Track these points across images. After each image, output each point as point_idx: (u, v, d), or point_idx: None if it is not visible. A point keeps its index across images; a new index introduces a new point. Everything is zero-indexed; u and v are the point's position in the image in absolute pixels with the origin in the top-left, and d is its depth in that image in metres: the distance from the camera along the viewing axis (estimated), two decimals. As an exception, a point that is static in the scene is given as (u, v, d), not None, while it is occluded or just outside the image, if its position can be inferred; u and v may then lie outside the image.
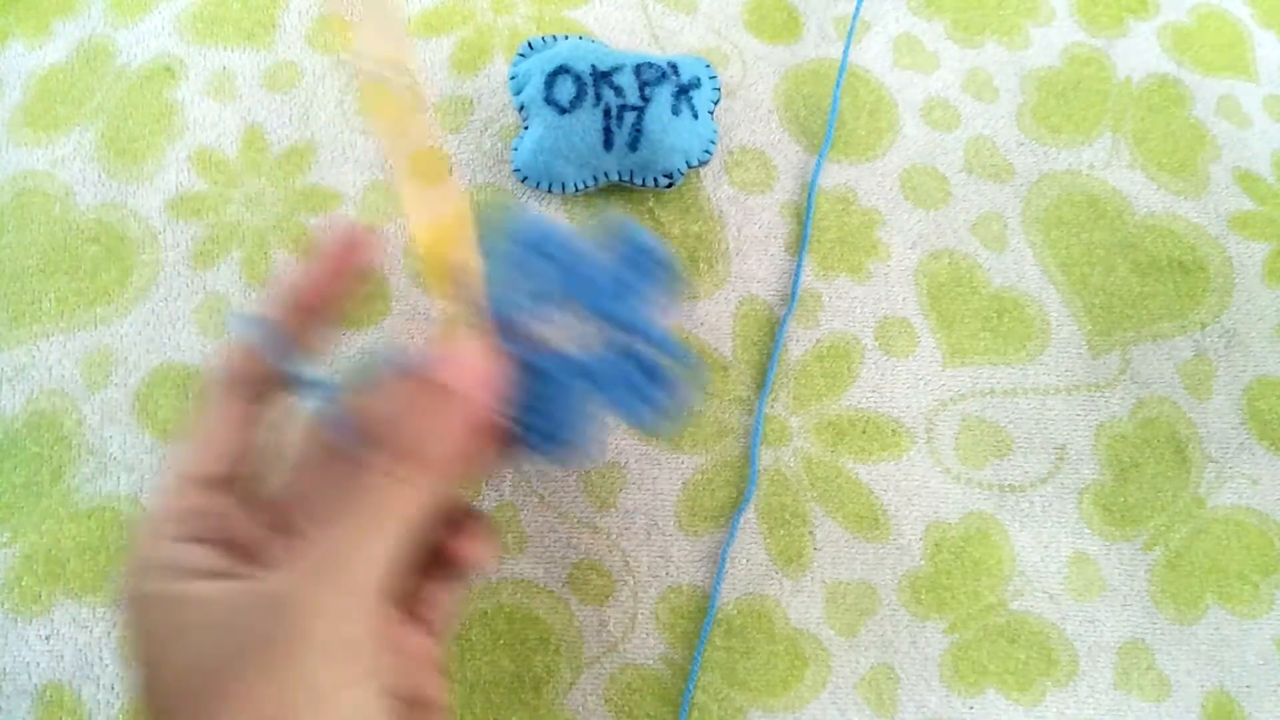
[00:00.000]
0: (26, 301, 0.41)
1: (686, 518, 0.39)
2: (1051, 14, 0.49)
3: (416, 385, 0.25)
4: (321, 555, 0.23)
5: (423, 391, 0.25)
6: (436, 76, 0.45)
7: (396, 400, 0.25)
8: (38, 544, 0.38)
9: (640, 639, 0.38)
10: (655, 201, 0.43)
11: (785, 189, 0.44)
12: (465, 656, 0.38)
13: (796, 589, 0.39)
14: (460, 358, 0.25)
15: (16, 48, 0.45)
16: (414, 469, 0.24)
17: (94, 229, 0.42)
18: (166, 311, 0.41)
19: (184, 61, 0.45)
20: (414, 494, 0.24)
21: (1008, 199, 0.45)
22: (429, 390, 0.25)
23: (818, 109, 0.46)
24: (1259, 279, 0.44)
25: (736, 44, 0.47)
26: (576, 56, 0.41)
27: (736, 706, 0.38)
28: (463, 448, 0.25)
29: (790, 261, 0.43)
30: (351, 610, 0.22)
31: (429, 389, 0.25)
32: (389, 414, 0.25)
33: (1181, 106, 0.47)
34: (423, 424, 0.24)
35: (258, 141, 0.44)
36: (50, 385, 0.40)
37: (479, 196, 0.43)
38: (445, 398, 0.25)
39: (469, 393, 0.25)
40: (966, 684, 0.38)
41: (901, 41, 0.47)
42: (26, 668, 0.37)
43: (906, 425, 0.41)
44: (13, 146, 0.44)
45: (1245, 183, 0.46)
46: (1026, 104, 0.47)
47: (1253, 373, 0.43)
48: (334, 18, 0.31)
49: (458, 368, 0.25)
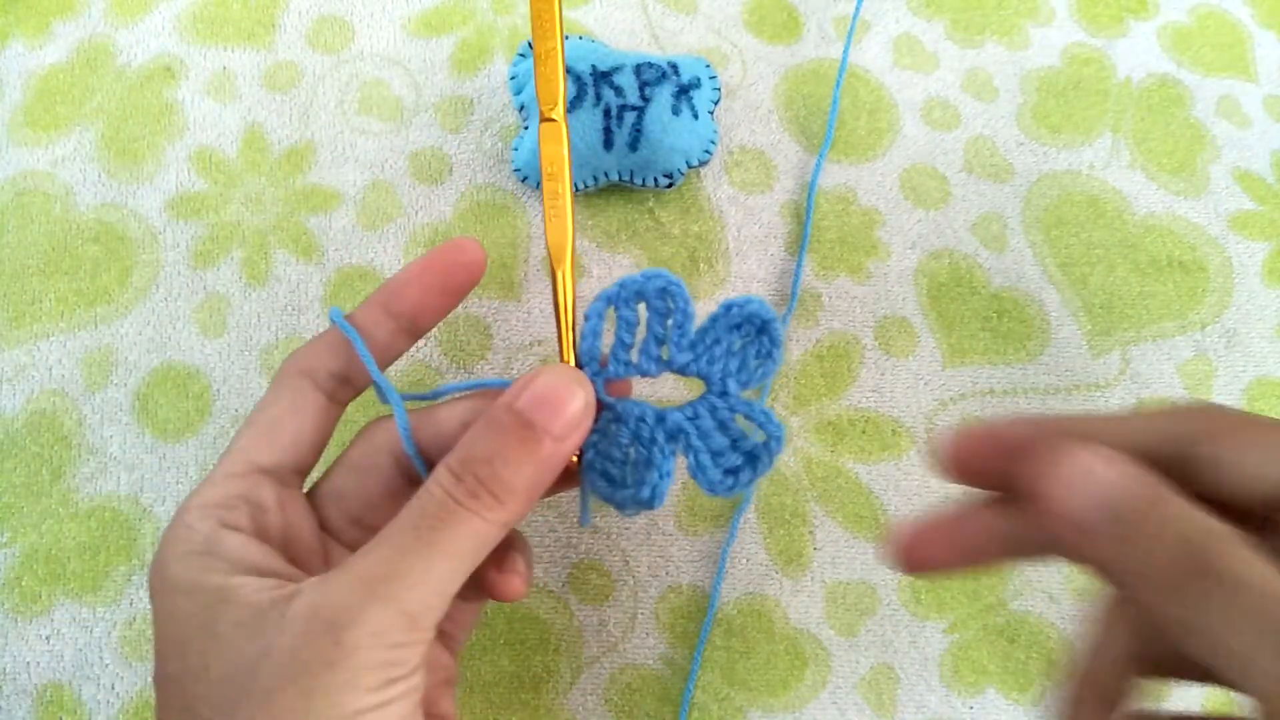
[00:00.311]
0: (26, 301, 0.41)
1: (686, 518, 0.39)
2: (1051, 14, 0.49)
3: (513, 424, 0.24)
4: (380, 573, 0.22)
5: (519, 433, 0.24)
6: (436, 76, 0.45)
7: (491, 437, 0.24)
8: (38, 544, 0.38)
9: (640, 639, 0.38)
10: (655, 201, 0.43)
11: (785, 189, 0.44)
12: (465, 656, 0.38)
13: (796, 589, 0.39)
14: (558, 397, 0.25)
15: (16, 48, 0.45)
16: (496, 510, 0.23)
17: (94, 229, 0.42)
18: (166, 311, 0.41)
19: (184, 61, 0.45)
20: (489, 531, 0.24)
21: (1008, 199, 0.45)
22: (526, 433, 0.24)
23: (818, 109, 0.46)
24: (1259, 279, 0.44)
25: (736, 44, 0.47)
26: (577, 56, 0.41)
27: (736, 706, 0.38)
28: (544, 489, 0.25)
29: (790, 261, 0.43)
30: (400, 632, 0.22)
31: (526, 431, 0.24)
32: (484, 452, 0.24)
33: (1181, 106, 0.47)
34: (515, 466, 0.24)
35: (258, 141, 0.44)
36: (50, 385, 0.40)
37: (479, 196, 0.43)
38: (541, 443, 0.24)
39: (564, 439, 0.24)
40: (966, 684, 0.38)
41: (901, 41, 0.47)
42: (26, 668, 0.37)
43: (906, 425, 0.41)
44: (13, 146, 0.44)
45: (1245, 183, 0.46)
46: (1026, 104, 0.47)
47: (1253, 373, 0.43)
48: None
49: (554, 409, 0.24)
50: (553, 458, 0.24)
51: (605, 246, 0.43)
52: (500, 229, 0.43)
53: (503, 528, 0.24)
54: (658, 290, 0.27)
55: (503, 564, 0.27)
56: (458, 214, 0.43)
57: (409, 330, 0.28)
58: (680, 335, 0.27)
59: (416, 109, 0.45)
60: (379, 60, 0.46)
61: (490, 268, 0.42)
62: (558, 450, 0.24)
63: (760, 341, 0.27)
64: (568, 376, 0.25)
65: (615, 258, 0.43)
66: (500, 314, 0.42)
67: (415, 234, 0.43)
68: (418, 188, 0.43)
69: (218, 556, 0.24)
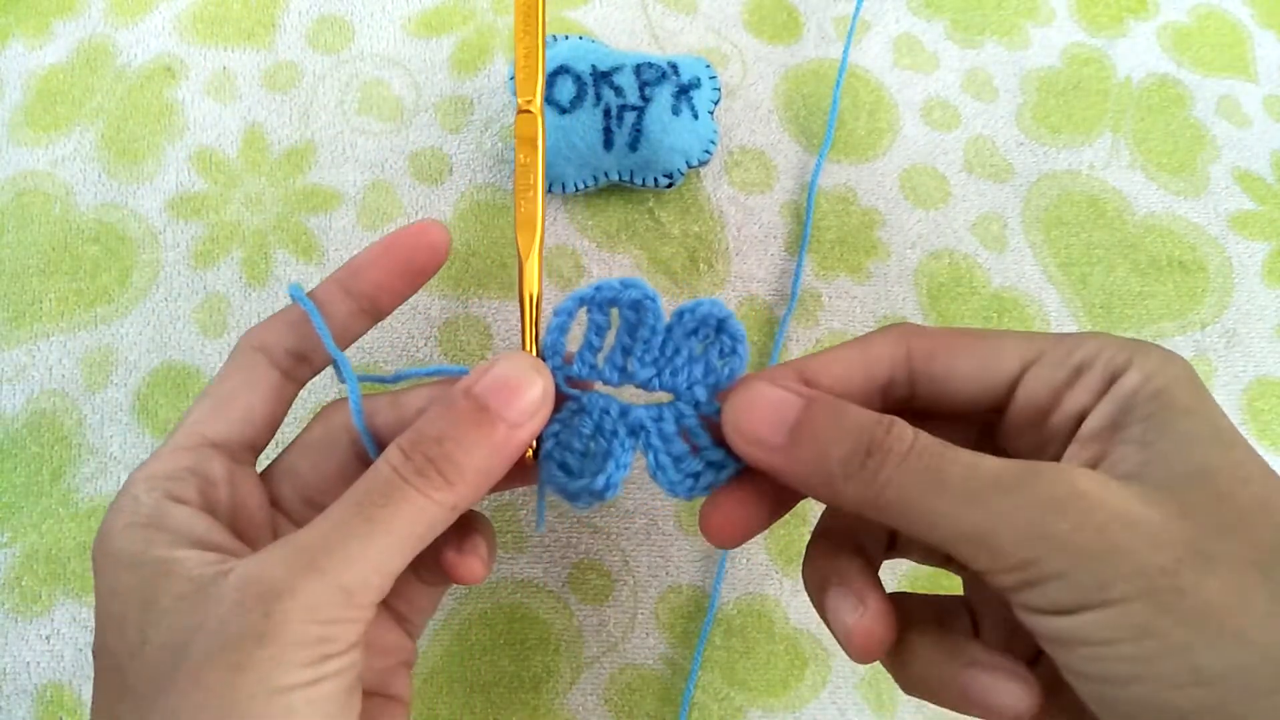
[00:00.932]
0: (27, 301, 0.41)
1: (686, 518, 0.39)
2: (1051, 14, 0.49)
3: (467, 407, 0.24)
4: (318, 546, 0.22)
5: (473, 416, 0.24)
6: (436, 76, 0.45)
7: (444, 418, 0.24)
8: (38, 544, 0.38)
9: (640, 639, 0.38)
10: (655, 201, 0.43)
11: (785, 189, 0.44)
12: (465, 656, 0.38)
13: (796, 589, 0.39)
14: (515, 384, 0.24)
15: (16, 48, 0.45)
16: (444, 490, 0.23)
17: (94, 229, 0.42)
18: (167, 311, 0.41)
19: (184, 61, 0.45)
20: (436, 511, 0.23)
21: (1008, 199, 0.45)
22: (480, 416, 0.24)
23: (818, 109, 0.46)
24: (1259, 279, 0.44)
25: (736, 44, 0.47)
26: (576, 56, 0.41)
27: (736, 706, 0.38)
28: (497, 475, 0.25)
29: (790, 261, 0.43)
30: (335, 608, 0.21)
31: (480, 415, 0.24)
32: (435, 431, 0.24)
33: (1181, 106, 0.47)
34: (466, 448, 0.24)
35: (258, 141, 0.44)
36: (50, 385, 0.40)
37: (479, 196, 0.43)
38: (495, 427, 0.24)
39: (519, 425, 0.24)
40: (966, 684, 0.38)
41: (901, 41, 0.47)
42: (26, 668, 0.37)
43: (906, 425, 0.41)
44: (13, 146, 0.44)
45: (1245, 183, 0.46)
46: (1026, 104, 0.47)
47: (1253, 373, 0.43)
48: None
49: (511, 395, 0.24)
50: (507, 444, 0.24)
51: (605, 246, 0.43)
52: (500, 229, 0.43)
53: (451, 510, 0.24)
54: (631, 301, 0.26)
55: (463, 545, 0.27)
56: (458, 214, 0.43)
57: (369, 311, 0.28)
58: (644, 350, 0.27)
59: (416, 109, 0.45)
60: (379, 60, 0.46)
61: (490, 268, 0.42)
62: (512, 436, 0.24)
63: (721, 341, 0.26)
64: (526, 364, 0.25)
65: (615, 257, 0.43)
66: (500, 314, 0.42)
67: (415, 234, 0.43)
68: (418, 188, 0.43)
69: (162, 529, 0.23)
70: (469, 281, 0.42)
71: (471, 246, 0.43)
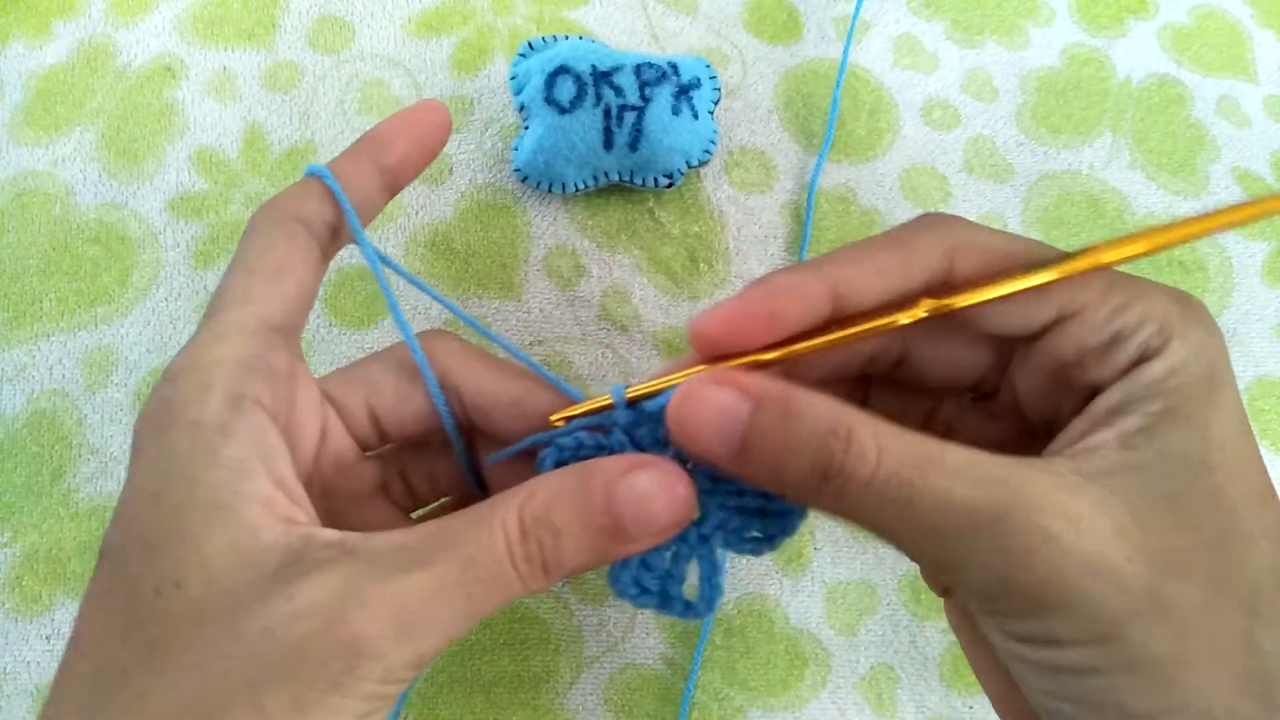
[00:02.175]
0: (27, 301, 0.41)
1: (686, 518, 0.39)
2: (1051, 14, 0.49)
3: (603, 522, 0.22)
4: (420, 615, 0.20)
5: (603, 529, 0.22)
6: (436, 76, 0.45)
7: (574, 516, 0.22)
8: (38, 544, 0.38)
9: (640, 639, 0.38)
10: (655, 201, 0.43)
11: (785, 189, 0.44)
12: (465, 656, 0.38)
13: (796, 589, 0.39)
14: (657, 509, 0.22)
15: (16, 48, 0.45)
16: (540, 582, 0.22)
17: (94, 229, 0.42)
18: (167, 311, 0.41)
19: (184, 61, 0.45)
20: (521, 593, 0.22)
21: (1008, 199, 0.45)
22: (612, 533, 0.22)
23: (818, 109, 0.46)
24: (1259, 279, 0.44)
25: (736, 44, 0.47)
26: (577, 56, 0.41)
27: (736, 706, 0.38)
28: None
29: (790, 261, 0.43)
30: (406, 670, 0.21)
31: (613, 532, 0.22)
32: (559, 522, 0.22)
33: (1181, 106, 0.47)
34: (580, 551, 0.22)
35: (258, 141, 0.44)
36: (50, 385, 0.40)
37: (479, 196, 0.43)
38: (619, 546, 0.22)
39: (643, 547, 0.23)
40: (966, 683, 0.38)
41: (901, 42, 0.47)
42: (26, 668, 0.37)
43: (906, 425, 0.41)
44: (13, 146, 0.44)
45: (1245, 183, 0.46)
46: (1026, 104, 0.47)
47: (1253, 373, 0.43)
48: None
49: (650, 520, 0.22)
50: (617, 556, 0.23)
51: (605, 246, 0.43)
52: (500, 229, 0.43)
53: (526, 594, 0.22)
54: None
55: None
56: (458, 214, 0.43)
57: (390, 186, 0.27)
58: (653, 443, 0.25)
59: (416, 109, 0.45)
60: (379, 60, 0.46)
61: (490, 268, 0.42)
62: (627, 552, 0.23)
63: None
64: (676, 481, 0.22)
65: (615, 257, 0.43)
66: (500, 314, 0.42)
67: (415, 234, 0.43)
68: (418, 188, 0.43)
69: (230, 440, 0.21)
70: (469, 281, 0.42)
71: (471, 247, 0.43)
